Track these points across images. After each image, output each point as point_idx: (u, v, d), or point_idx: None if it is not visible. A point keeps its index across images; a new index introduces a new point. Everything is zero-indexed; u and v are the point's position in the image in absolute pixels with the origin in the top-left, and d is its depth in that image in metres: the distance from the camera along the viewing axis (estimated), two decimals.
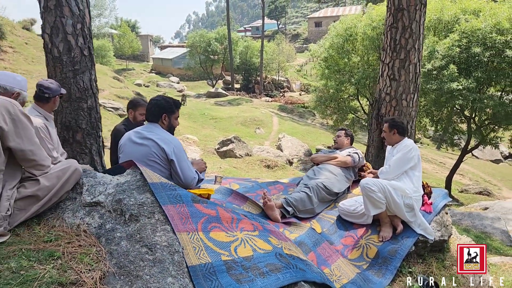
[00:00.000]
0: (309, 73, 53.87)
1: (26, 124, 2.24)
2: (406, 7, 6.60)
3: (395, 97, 6.86)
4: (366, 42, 19.04)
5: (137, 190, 2.35)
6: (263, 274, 2.14)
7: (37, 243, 2.04)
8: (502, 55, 14.10)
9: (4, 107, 2.16)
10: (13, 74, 2.62)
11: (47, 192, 2.25)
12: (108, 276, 1.86)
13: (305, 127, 29.59)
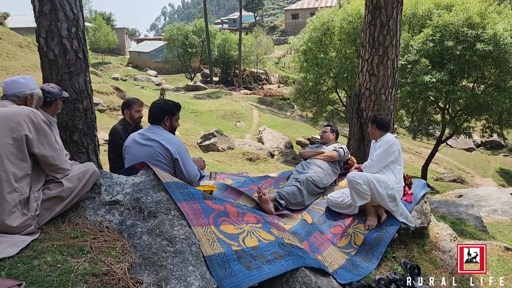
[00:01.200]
0: (287, 66, 54.24)
1: (47, 131, 2.43)
2: (384, 5, 6.90)
3: (374, 91, 7.18)
4: (343, 36, 19.45)
5: (153, 189, 2.58)
6: (269, 262, 2.40)
7: (65, 239, 2.25)
8: (474, 48, 14.69)
9: (27, 116, 2.35)
10: (17, 78, 2.64)
11: (69, 193, 2.45)
12: (135, 267, 2.09)
13: (284, 119, 29.91)
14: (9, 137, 2.25)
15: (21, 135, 2.27)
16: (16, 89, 2.50)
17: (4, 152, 2.22)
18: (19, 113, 2.32)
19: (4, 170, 2.20)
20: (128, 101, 4.64)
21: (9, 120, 2.27)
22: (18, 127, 2.27)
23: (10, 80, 2.52)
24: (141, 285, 1.99)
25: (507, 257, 4.89)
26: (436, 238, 4.31)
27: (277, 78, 49.29)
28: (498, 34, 14.35)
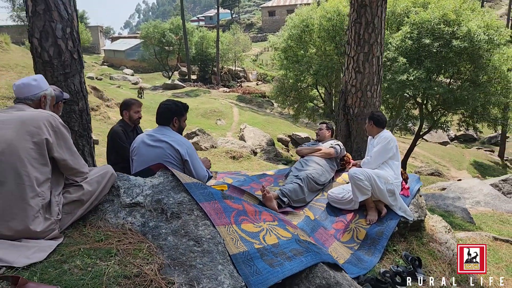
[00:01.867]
0: (265, 63, 54.34)
1: (66, 135, 2.42)
2: (369, 4, 7.02)
3: (360, 88, 7.31)
4: (322, 33, 19.64)
5: (173, 190, 2.60)
6: (290, 258, 2.46)
7: (90, 243, 2.26)
8: (450, 45, 15.09)
9: (47, 120, 2.33)
10: (28, 80, 2.53)
11: (90, 196, 2.45)
12: (164, 268, 2.12)
13: (265, 117, 30.05)
14: (30, 142, 2.23)
15: (42, 139, 2.26)
16: (29, 92, 2.46)
17: (26, 157, 2.20)
18: (39, 117, 2.30)
19: (27, 175, 2.18)
20: (127, 102, 4.62)
21: (30, 125, 2.26)
22: (39, 131, 2.26)
23: (21, 84, 2.46)
24: (173, 285, 2.02)
25: (496, 246, 5.11)
26: (432, 230, 4.46)
27: (255, 75, 49.37)
28: (472, 31, 14.79)
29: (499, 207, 7.80)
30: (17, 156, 2.18)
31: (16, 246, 2.11)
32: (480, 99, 15.47)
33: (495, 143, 35.76)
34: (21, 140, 2.21)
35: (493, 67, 15.35)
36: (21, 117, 2.27)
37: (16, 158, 2.18)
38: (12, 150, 2.18)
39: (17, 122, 2.25)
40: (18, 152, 2.18)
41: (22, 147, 2.20)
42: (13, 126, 2.23)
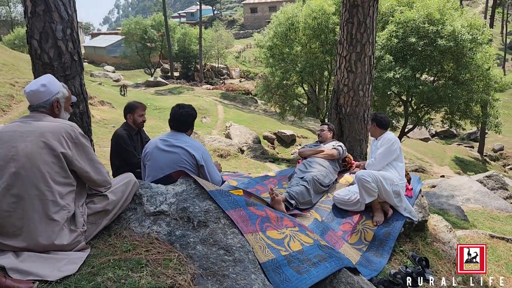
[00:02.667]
0: (247, 60, 54.30)
1: (87, 145, 2.37)
2: (361, 4, 7.07)
3: (352, 88, 7.36)
4: (307, 31, 19.72)
5: (198, 198, 2.58)
6: (315, 264, 2.48)
7: (118, 253, 2.22)
8: (434, 44, 15.35)
9: (66, 131, 2.27)
10: (37, 87, 2.38)
11: (114, 206, 2.41)
12: (197, 278, 2.10)
13: (250, 114, 30.02)
14: (50, 155, 2.18)
15: (62, 153, 2.21)
16: (40, 99, 2.36)
17: (48, 171, 2.15)
18: (58, 129, 2.24)
19: (49, 190, 2.13)
20: (132, 105, 4.55)
21: (49, 138, 2.20)
22: (58, 145, 2.21)
23: (30, 91, 2.35)
24: None
25: (493, 244, 5.23)
26: (435, 230, 4.55)
27: (238, 72, 49.28)
28: (457, 30, 15.07)
29: (489, 204, 7.99)
30: (38, 170, 2.13)
31: (46, 258, 2.07)
32: (463, 96, 15.80)
33: (474, 139, 36.61)
34: (41, 154, 2.16)
35: (476, 65, 15.69)
36: (40, 129, 2.21)
37: (37, 173, 2.13)
38: (33, 164, 2.13)
39: (37, 134, 2.19)
40: (39, 166, 2.14)
41: (42, 161, 2.15)
42: (33, 139, 2.18)
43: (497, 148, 33.78)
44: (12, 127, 2.26)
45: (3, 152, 2.16)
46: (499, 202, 8.07)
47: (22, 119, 2.31)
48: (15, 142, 2.16)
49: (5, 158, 2.14)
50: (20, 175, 2.11)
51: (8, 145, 2.17)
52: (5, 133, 2.22)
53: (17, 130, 2.22)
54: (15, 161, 2.13)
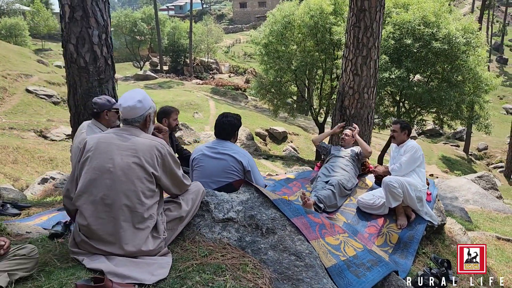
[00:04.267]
0: (237, 55, 54.27)
1: (171, 164, 2.51)
2: (368, 9, 7.29)
3: (357, 90, 7.59)
4: (304, 29, 19.93)
5: (263, 206, 2.76)
6: (369, 269, 2.69)
7: (197, 258, 2.39)
8: (429, 46, 15.71)
9: (157, 149, 2.43)
10: (134, 103, 2.49)
11: (187, 213, 2.58)
12: (274, 281, 2.29)
13: (241, 110, 30.12)
14: (143, 172, 2.35)
15: (153, 172, 2.38)
16: (135, 114, 2.50)
17: (140, 186, 2.32)
18: (150, 148, 2.40)
19: (140, 203, 2.30)
20: (167, 110, 4.68)
21: (144, 155, 2.37)
22: (150, 163, 2.38)
23: (128, 107, 2.48)
24: None
25: (501, 245, 5.53)
26: (451, 233, 4.81)
27: (227, 67, 49.23)
28: (451, 33, 15.45)
29: (487, 205, 8.34)
30: (132, 184, 2.30)
31: (137, 263, 2.23)
32: (455, 98, 16.22)
33: (459, 138, 37.48)
34: (135, 170, 2.32)
35: (469, 68, 16.10)
36: (135, 146, 2.37)
37: (131, 186, 2.30)
38: (128, 179, 2.29)
39: (132, 151, 2.35)
40: (133, 181, 2.30)
41: (136, 176, 2.31)
42: (129, 154, 2.33)
43: (481, 147, 34.69)
44: (109, 139, 2.40)
45: (100, 163, 2.31)
46: (496, 203, 8.42)
47: (117, 132, 2.45)
48: (112, 155, 2.31)
49: (102, 169, 2.30)
50: (115, 187, 2.27)
51: (105, 157, 2.32)
52: (102, 143, 2.37)
53: (113, 143, 2.36)
54: (111, 173, 2.28)
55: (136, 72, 42.31)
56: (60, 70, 32.18)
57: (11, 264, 2.08)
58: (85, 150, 2.40)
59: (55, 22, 49.49)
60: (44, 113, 18.58)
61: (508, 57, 56.11)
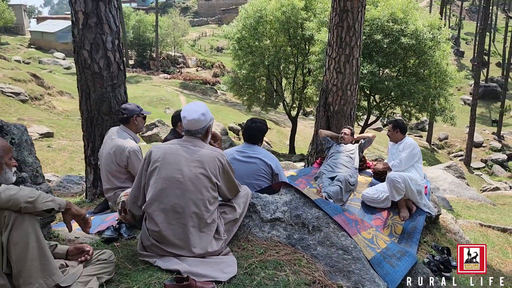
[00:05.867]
0: (203, 48, 53.94)
1: (229, 172, 2.74)
2: (350, 9, 7.64)
3: (341, 87, 7.96)
4: (276, 24, 20.20)
5: (306, 206, 3.01)
6: (399, 259, 3.00)
7: (256, 256, 2.62)
8: (398, 42, 16.37)
9: (218, 159, 2.65)
10: (198, 116, 2.66)
11: (240, 215, 2.81)
12: (327, 274, 2.56)
13: (212, 105, 30.17)
14: (209, 182, 2.56)
15: (216, 182, 2.60)
16: (199, 126, 2.67)
17: (206, 195, 2.54)
18: (213, 159, 2.61)
19: (206, 210, 2.52)
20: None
21: (209, 167, 2.58)
22: (215, 174, 2.60)
23: (192, 120, 2.64)
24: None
25: (484, 231, 6.05)
26: (445, 222, 5.25)
27: (194, 61, 48.90)
28: (419, 29, 16.16)
29: (462, 194, 8.95)
30: (200, 193, 2.51)
31: (207, 262, 2.45)
32: (423, 91, 17.00)
33: (421, 128, 39.04)
34: (202, 180, 2.54)
35: (435, 62, 16.90)
36: (201, 158, 2.58)
37: (199, 195, 2.51)
38: (196, 188, 2.51)
39: (199, 162, 2.56)
40: (201, 190, 2.52)
41: (203, 185, 2.53)
42: (196, 165, 2.54)
43: (442, 137, 36.32)
44: (175, 150, 2.58)
45: (169, 174, 2.50)
46: (471, 192, 9.06)
47: (182, 143, 2.64)
48: (180, 166, 2.51)
49: (172, 180, 2.49)
50: (185, 196, 2.47)
51: (174, 168, 2.51)
52: (169, 154, 2.56)
53: (180, 154, 2.55)
54: (181, 183, 2.48)
55: None
56: (24, 66, 31.13)
57: (96, 269, 2.24)
58: (152, 160, 2.58)
59: (12, 14, 47.46)
60: (13, 111, 18.00)
61: (464, 50, 58.66)
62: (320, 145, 8.56)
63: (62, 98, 24.60)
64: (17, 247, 1.86)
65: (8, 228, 1.84)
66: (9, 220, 1.84)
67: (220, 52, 53.58)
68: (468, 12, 73.73)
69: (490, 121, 41.41)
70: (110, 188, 3.87)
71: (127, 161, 3.76)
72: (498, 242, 5.68)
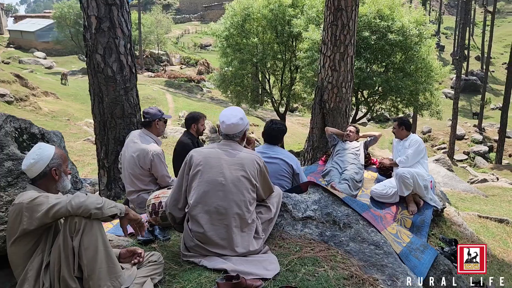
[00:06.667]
0: (186, 46, 53.65)
1: (265, 173, 2.84)
2: (345, 7, 7.81)
3: (336, 85, 8.13)
4: (263, 22, 20.30)
5: (335, 204, 3.14)
6: (422, 252, 3.16)
7: (293, 253, 2.74)
8: (385, 38, 16.65)
9: (256, 162, 2.76)
10: (237, 120, 2.81)
11: (274, 215, 2.92)
12: (362, 268, 2.69)
13: (200, 103, 30.17)
14: (249, 184, 2.67)
15: (256, 181, 2.71)
16: (237, 130, 2.80)
17: (247, 196, 2.65)
18: (252, 162, 2.72)
19: (248, 211, 2.64)
20: (196, 116, 4.88)
21: (249, 170, 2.69)
22: (254, 176, 2.70)
23: (231, 124, 2.77)
24: (375, 281, 2.61)
25: (483, 222, 6.29)
26: (448, 215, 5.45)
27: (178, 59, 48.60)
28: (405, 26, 16.47)
29: (456, 187, 9.23)
30: (242, 195, 2.62)
31: (250, 261, 2.56)
32: (410, 86, 17.35)
33: None
34: (243, 182, 2.65)
35: (421, 58, 17.25)
36: (241, 161, 2.69)
37: (241, 197, 2.62)
38: (238, 190, 2.62)
39: (240, 165, 2.67)
40: (242, 192, 2.63)
41: (244, 187, 2.64)
42: (237, 168, 2.65)
43: (426, 130, 37.00)
44: (216, 154, 2.68)
45: (211, 177, 2.59)
46: (464, 185, 9.34)
47: (221, 147, 2.74)
48: (222, 169, 2.60)
49: (214, 182, 2.59)
50: (227, 198, 2.57)
51: (216, 171, 2.60)
52: (211, 158, 2.65)
53: (221, 157, 2.65)
54: (223, 186, 2.58)
55: (84, 66, 40.74)
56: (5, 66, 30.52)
57: (148, 270, 2.33)
58: (193, 164, 2.67)
59: None
60: None
61: (444, 44, 59.73)
62: (316, 141, 8.73)
63: (47, 98, 24.25)
64: (88, 251, 1.94)
65: (79, 233, 1.92)
66: (79, 225, 1.92)
67: (204, 49, 53.41)
68: (447, 7, 75.10)
69: (471, 114, 42.33)
70: (133, 191, 3.93)
71: (150, 164, 3.83)
72: (498, 233, 5.92)
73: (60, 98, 25.31)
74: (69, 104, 24.64)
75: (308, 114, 33.49)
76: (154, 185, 3.97)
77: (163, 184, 3.94)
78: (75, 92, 28.32)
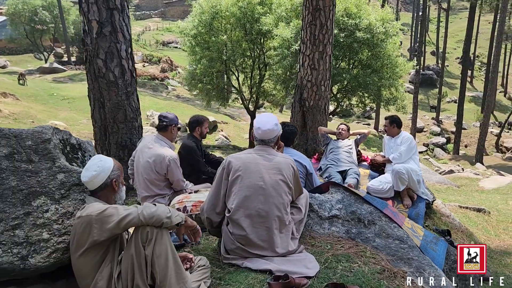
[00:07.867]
0: (148, 43, 52.68)
1: (297, 176, 2.96)
2: (323, 7, 8.05)
3: (315, 83, 8.38)
4: (232, 20, 20.32)
5: (357, 203, 3.29)
6: (436, 244, 3.38)
7: (326, 251, 2.88)
8: (353, 36, 17.11)
9: (291, 166, 2.89)
10: (271, 126, 2.92)
11: (304, 215, 3.05)
12: (391, 262, 2.87)
13: (166, 101, 29.78)
14: (287, 187, 2.79)
15: (292, 184, 2.83)
16: (272, 135, 2.91)
17: (285, 199, 2.77)
18: (287, 166, 2.85)
19: (286, 213, 2.77)
20: (199, 119, 4.91)
21: (286, 173, 2.81)
22: (291, 179, 2.82)
23: (267, 130, 2.88)
24: (405, 274, 2.80)
25: (464, 212, 6.69)
26: (437, 207, 5.76)
27: (140, 57, 47.57)
28: (372, 24, 16.99)
29: (430, 179, 9.70)
30: (280, 197, 2.74)
31: (291, 260, 2.68)
32: (376, 82, 17.93)
33: (368, 116, 40.88)
34: (282, 185, 2.77)
35: (387, 55, 17.84)
36: (278, 165, 2.80)
37: (280, 199, 2.74)
38: (278, 193, 2.73)
39: (277, 169, 2.78)
40: (281, 194, 2.74)
41: (283, 191, 2.76)
42: (275, 172, 2.76)
43: None
44: (254, 159, 2.77)
45: (252, 182, 2.69)
46: (437, 176, 9.83)
47: (258, 152, 2.84)
48: (261, 174, 2.70)
49: (255, 187, 2.68)
50: (268, 201, 2.68)
51: (256, 176, 2.70)
52: (250, 163, 2.74)
53: (259, 163, 2.75)
54: (264, 190, 2.68)
55: (41, 65, 39.27)
56: None
57: (199, 274, 2.41)
58: (233, 170, 2.75)
59: None
60: None
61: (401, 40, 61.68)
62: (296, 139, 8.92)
63: (6, 100, 23.23)
64: (160, 259, 2.00)
65: (152, 242, 1.98)
66: (151, 235, 1.98)
67: (166, 46, 52.64)
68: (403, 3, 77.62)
69: (428, 107, 44.13)
70: (148, 196, 3.94)
71: (167, 169, 3.86)
72: (479, 222, 6.32)
73: (20, 99, 24.30)
74: (30, 105, 23.70)
75: (275, 110, 33.85)
76: (169, 189, 4.00)
77: (177, 188, 3.99)
78: (35, 93, 27.26)
